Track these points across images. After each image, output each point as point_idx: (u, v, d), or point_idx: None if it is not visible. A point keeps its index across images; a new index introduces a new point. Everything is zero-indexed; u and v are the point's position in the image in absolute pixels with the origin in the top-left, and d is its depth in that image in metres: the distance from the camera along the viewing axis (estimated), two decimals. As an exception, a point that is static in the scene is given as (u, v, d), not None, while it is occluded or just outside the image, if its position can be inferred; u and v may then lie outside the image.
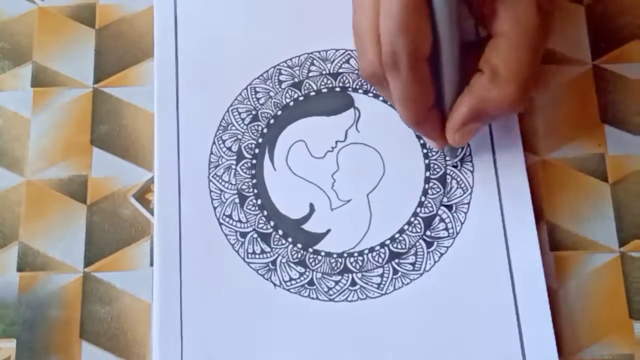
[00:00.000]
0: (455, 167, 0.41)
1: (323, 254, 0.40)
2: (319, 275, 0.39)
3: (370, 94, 0.42)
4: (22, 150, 0.44)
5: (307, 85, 0.43)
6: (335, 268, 0.39)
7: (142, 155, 0.43)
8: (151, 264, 0.41)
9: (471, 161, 0.41)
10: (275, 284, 0.39)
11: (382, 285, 0.39)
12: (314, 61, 0.43)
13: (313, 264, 0.40)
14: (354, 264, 0.39)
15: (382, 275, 0.39)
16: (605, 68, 0.44)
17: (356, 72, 0.43)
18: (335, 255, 0.40)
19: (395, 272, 0.39)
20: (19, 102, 0.44)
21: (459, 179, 0.40)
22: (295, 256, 0.40)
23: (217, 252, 0.40)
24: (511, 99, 0.35)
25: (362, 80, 0.42)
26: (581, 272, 0.40)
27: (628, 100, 0.43)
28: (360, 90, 0.42)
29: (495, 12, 0.34)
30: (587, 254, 0.40)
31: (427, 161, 0.41)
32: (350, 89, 0.42)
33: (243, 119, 0.42)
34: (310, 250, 0.40)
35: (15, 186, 0.43)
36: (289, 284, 0.39)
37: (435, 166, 0.41)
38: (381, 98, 0.42)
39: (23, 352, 0.40)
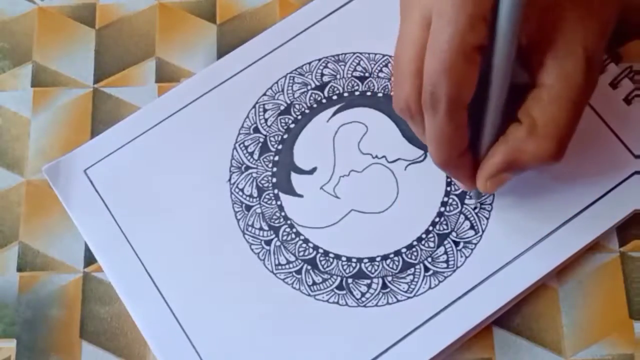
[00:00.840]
0: (475, 208, 0.40)
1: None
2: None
3: None
4: (22, 150, 0.44)
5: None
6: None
7: (142, 155, 0.43)
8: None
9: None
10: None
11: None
12: None
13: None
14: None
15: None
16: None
17: None
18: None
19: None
20: (19, 102, 0.44)
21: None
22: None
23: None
24: (547, 154, 0.33)
25: None
26: (581, 272, 0.40)
27: (628, 100, 0.43)
28: None
29: (543, 62, 0.32)
30: (587, 254, 0.40)
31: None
32: None
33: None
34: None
35: (15, 186, 0.43)
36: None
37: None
38: None
39: (23, 352, 0.40)
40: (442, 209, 0.40)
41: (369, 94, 0.42)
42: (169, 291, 0.39)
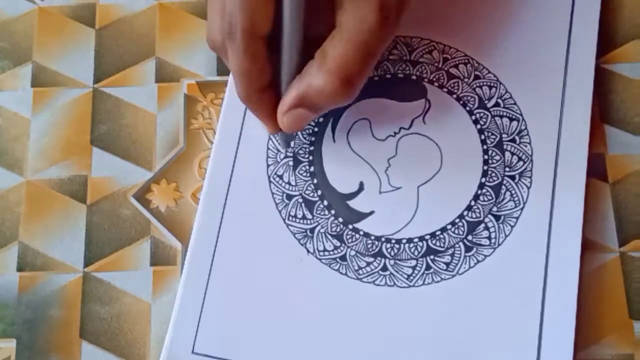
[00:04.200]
0: (287, 152, 0.42)
1: (361, 233, 0.40)
2: (353, 252, 0.39)
3: (445, 89, 0.42)
4: (22, 150, 0.44)
5: (385, 67, 0.43)
6: (370, 250, 0.39)
7: (142, 155, 0.43)
8: (151, 264, 0.41)
9: (530, 177, 0.40)
10: (308, 251, 0.39)
11: (411, 277, 0.39)
12: (397, 45, 0.43)
13: (349, 240, 0.40)
14: (389, 250, 0.39)
15: (414, 268, 0.39)
16: (606, 68, 0.44)
17: (435, 64, 0.42)
18: (372, 237, 0.40)
19: (428, 267, 0.39)
20: (19, 102, 0.44)
21: (513, 192, 0.40)
22: (334, 229, 0.40)
23: (261, 208, 0.40)
24: (332, 90, 0.35)
25: (439, 74, 0.42)
26: (581, 272, 0.40)
27: (628, 100, 0.43)
28: (435, 84, 0.42)
29: (341, 3, 0.34)
30: (586, 254, 0.40)
31: (485, 167, 0.40)
32: (426, 80, 0.42)
33: None
34: (350, 227, 0.40)
35: (15, 186, 0.43)
36: (322, 254, 0.39)
37: (493, 174, 0.40)
38: (455, 95, 0.42)
39: (23, 352, 0.40)
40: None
41: None
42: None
